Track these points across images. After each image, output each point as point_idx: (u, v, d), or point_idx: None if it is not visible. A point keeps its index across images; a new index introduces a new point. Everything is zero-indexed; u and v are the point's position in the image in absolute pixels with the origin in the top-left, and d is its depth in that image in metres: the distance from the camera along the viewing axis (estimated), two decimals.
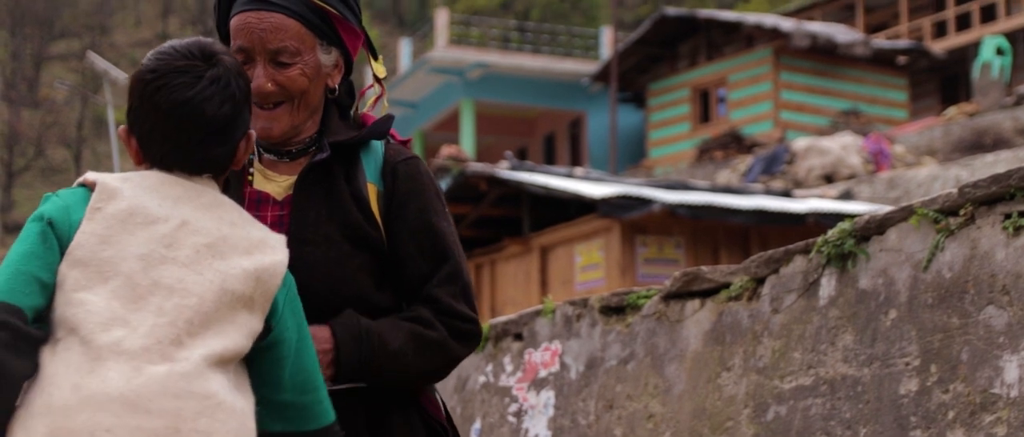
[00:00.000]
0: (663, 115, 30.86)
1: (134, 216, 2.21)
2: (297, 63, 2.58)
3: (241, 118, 2.34)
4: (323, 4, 2.61)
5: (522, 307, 15.39)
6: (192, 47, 2.33)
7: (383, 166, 2.62)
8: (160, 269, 2.17)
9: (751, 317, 4.13)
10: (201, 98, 2.27)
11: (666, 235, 15.38)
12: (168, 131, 2.28)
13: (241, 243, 2.25)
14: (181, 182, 2.29)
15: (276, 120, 2.60)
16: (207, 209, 2.27)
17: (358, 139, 2.62)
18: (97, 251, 2.17)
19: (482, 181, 16.18)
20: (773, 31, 28.23)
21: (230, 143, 2.32)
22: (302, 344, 2.30)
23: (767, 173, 23.27)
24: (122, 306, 2.14)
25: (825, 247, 3.87)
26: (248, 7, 2.60)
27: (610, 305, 4.73)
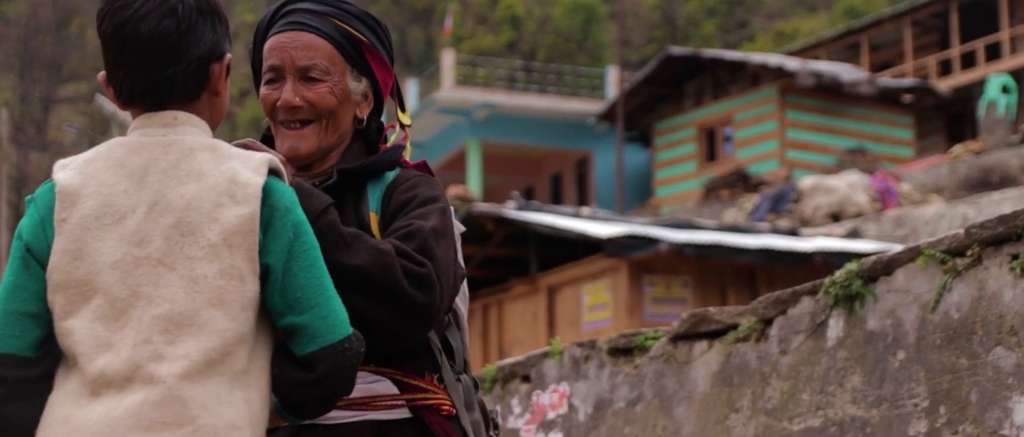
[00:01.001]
0: (669, 154, 30.88)
1: (101, 218, 2.14)
2: (326, 82, 2.60)
3: (195, 35, 2.23)
4: (355, 32, 2.64)
5: (529, 347, 15.37)
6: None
7: (384, 191, 2.62)
8: (136, 274, 2.11)
9: (759, 358, 4.12)
10: (137, 17, 2.20)
11: (673, 274, 15.37)
12: (119, 60, 2.23)
13: (208, 199, 2.14)
14: (146, 142, 2.20)
15: (304, 139, 2.61)
16: (174, 167, 2.17)
17: (364, 167, 2.62)
18: (71, 271, 2.12)
19: (489, 221, 16.19)
20: (778, 70, 28.28)
21: (185, 62, 2.22)
22: (291, 263, 2.16)
23: (774, 212, 23.26)
24: (105, 327, 2.10)
25: (833, 288, 3.87)
26: (281, 28, 2.64)
27: (618, 346, 4.73)
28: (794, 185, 23.72)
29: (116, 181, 2.17)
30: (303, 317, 2.14)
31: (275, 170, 2.22)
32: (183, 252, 2.12)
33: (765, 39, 55.68)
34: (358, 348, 2.17)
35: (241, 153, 2.22)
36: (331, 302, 2.17)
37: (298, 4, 2.68)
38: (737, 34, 60.73)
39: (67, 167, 2.21)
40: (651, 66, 30.58)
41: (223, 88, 2.30)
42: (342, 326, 2.16)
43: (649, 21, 61.96)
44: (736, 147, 29.36)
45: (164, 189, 2.15)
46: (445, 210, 2.57)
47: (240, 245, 2.12)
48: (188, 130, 2.22)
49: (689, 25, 59.78)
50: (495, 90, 35.46)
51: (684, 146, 30.51)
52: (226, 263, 2.12)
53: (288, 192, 2.20)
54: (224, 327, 2.10)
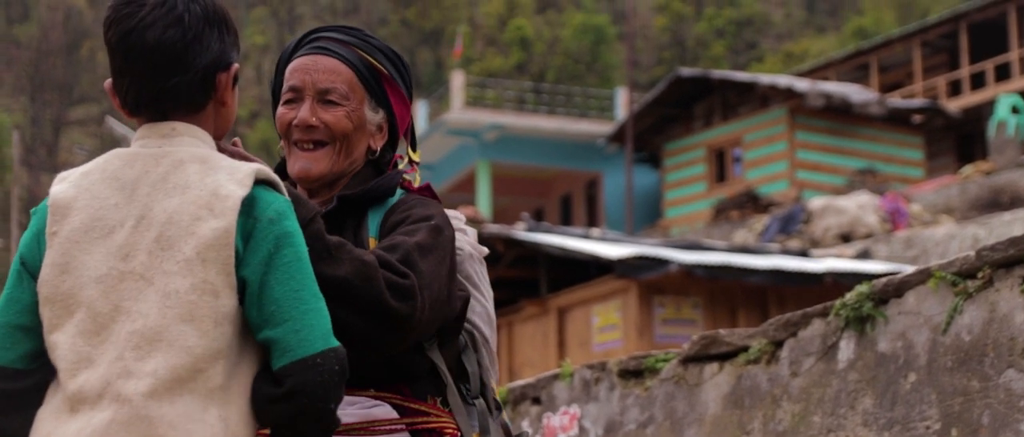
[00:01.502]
0: (679, 175, 30.87)
1: (90, 231, 2.13)
2: (344, 106, 2.63)
3: (201, 44, 2.19)
4: (377, 63, 2.67)
5: (540, 368, 15.35)
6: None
7: (383, 217, 2.62)
8: (119, 289, 2.09)
9: (770, 380, 4.12)
10: (143, 25, 2.16)
11: (684, 295, 15.35)
12: (123, 68, 2.19)
13: (187, 213, 2.11)
14: (141, 154, 2.18)
15: (316, 161, 2.63)
16: (162, 180, 2.14)
17: (363, 193, 2.63)
18: (58, 284, 2.11)
19: (499, 242, 16.19)
20: (788, 91, 28.29)
21: (190, 71, 2.18)
22: (269, 275, 2.10)
23: (784, 233, 23.23)
24: (86, 342, 2.08)
25: (843, 310, 3.87)
26: (306, 52, 2.67)
27: (628, 368, 4.73)
28: (804, 206, 23.69)
29: (108, 194, 2.15)
30: (276, 331, 2.08)
31: (266, 181, 2.18)
32: (161, 267, 2.09)
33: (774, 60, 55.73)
34: (333, 365, 2.08)
35: (232, 165, 2.18)
36: (307, 316, 2.09)
37: (324, 32, 2.72)
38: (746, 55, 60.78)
39: (65, 180, 2.19)
40: (660, 87, 30.60)
41: (230, 97, 2.27)
42: (316, 341, 2.08)
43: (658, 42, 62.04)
44: (746, 168, 29.35)
45: (151, 202, 2.13)
46: (437, 227, 2.55)
47: (214, 259, 2.08)
48: (185, 141, 2.19)
49: (698, 46, 59.85)
50: (504, 111, 35.50)
51: (694, 167, 30.51)
52: (198, 277, 2.08)
53: (276, 203, 2.15)
54: (194, 343, 2.06)
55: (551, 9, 63.82)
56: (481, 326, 2.77)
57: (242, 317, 2.12)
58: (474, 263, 2.81)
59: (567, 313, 16.18)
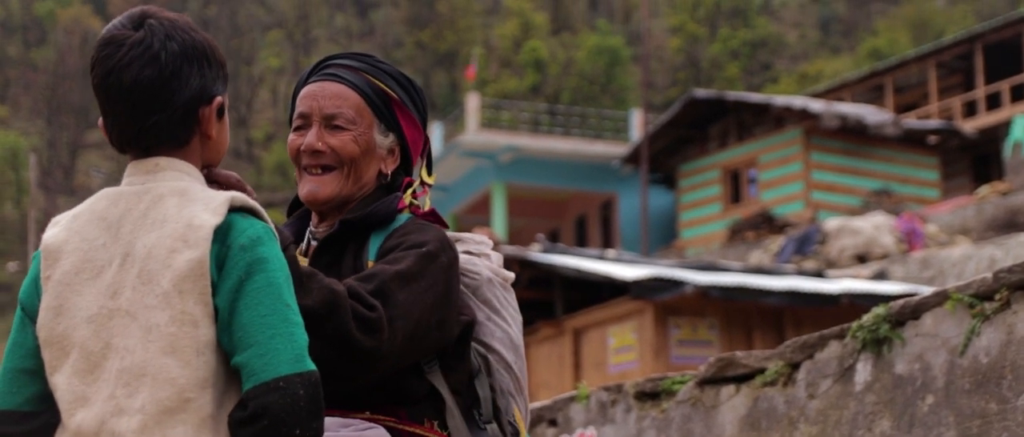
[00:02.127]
0: (694, 196, 30.86)
1: (81, 273, 2.16)
2: (351, 131, 2.65)
3: (179, 81, 2.21)
4: (386, 88, 2.68)
5: (555, 390, 15.33)
6: (126, 15, 2.26)
7: (383, 240, 2.63)
8: (109, 327, 2.12)
9: (787, 403, 4.12)
10: (120, 66, 2.20)
11: (699, 317, 15.34)
12: (107, 108, 2.23)
13: (164, 246, 2.13)
14: (125, 192, 2.21)
15: (323, 184, 2.65)
16: (143, 216, 2.17)
17: (363, 217, 2.64)
18: (54, 327, 2.15)
19: (514, 264, 16.19)
20: (803, 112, 28.27)
21: (169, 109, 2.20)
22: (238, 302, 2.11)
23: (799, 253, 23.20)
24: (80, 381, 2.12)
25: (860, 332, 3.87)
26: (314, 79, 2.70)
27: (645, 390, 4.72)
28: (819, 227, 23.66)
29: (96, 235, 2.18)
30: (243, 356, 2.09)
31: (243, 208, 2.19)
32: (144, 302, 2.12)
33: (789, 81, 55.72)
34: (297, 389, 2.06)
35: (208, 195, 2.19)
36: (273, 340, 2.09)
37: (335, 59, 2.74)
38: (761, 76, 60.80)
39: (57, 224, 2.23)
40: (675, 108, 30.61)
41: (215, 130, 2.27)
42: (281, 365, 2.07)
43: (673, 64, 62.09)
44: (761, 189, 29.33)
45: (134, 239, 2.15)
46: (429, 254, 2.54)
47: (191, 290, 2.11)
48: (169, 176, 2.22)
49: (713, 67, 59.88)
50: (519, 133, 35.55)
51: (709, 188, 30.50)
52: (177, 309, 2.10)
53: (250, 229, 2.16)
54: (177, 374, 2.08)
55: (566, 31, 63.94)
56: (501, 350, 2.76)
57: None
58: (494, 288, 2.79)
59: (583, 334, 16.17)
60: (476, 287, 2.77)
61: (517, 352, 2.80)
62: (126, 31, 2.22)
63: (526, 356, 17.12)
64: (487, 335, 2.76)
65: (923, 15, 58.15)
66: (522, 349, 2.83)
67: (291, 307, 2.13)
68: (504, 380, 2.76)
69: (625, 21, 66.88)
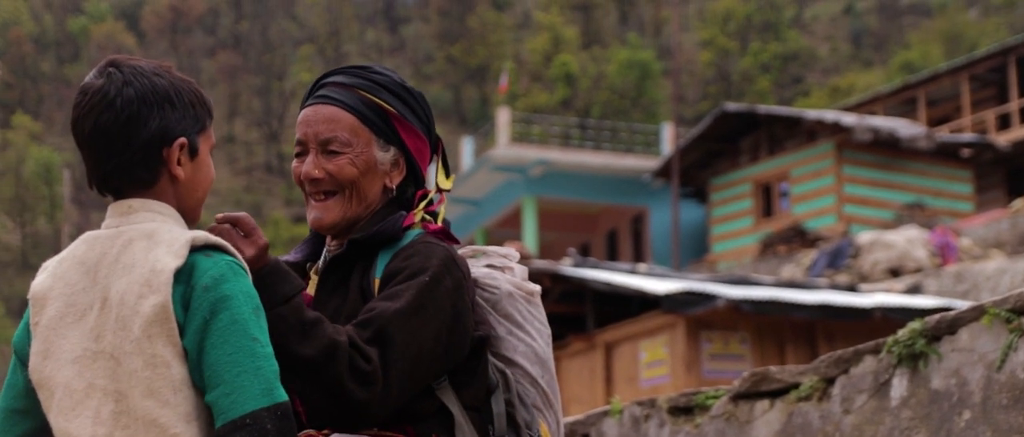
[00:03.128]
0: (725, 210, 30.78)
1: (65, 317, 2.26)
2: (347, 154, 2.64)
3: (136, 124, 2.28)
4: (381, 102, 2.67)
5: (587, 404, 15.30)
6: (97, 68, 2.37)
7: (391, 259, 2.61)
8: (93, 368, 2.22)
9: (822, 418, 4.09)
10: (82, 114, 2.31)
11: (731, 331, 15.28)
12: (81, 154, 2.36)
13: (132, 293, 2.21)
14: (101, 236, 2.30)
15: (327, 210, 2.66)
16: (115, 261, 2.26)
17: (369, 237, 2.64)
18: (42, 370, 2.27)
19: (545, 278, 16.18)
20: (835, 126, 28.17)
21: (128, 151, 2.28)
22: (205, 341, 2.20)
23: (832, 267, 23.09)
24: (64, 418, 2.23)
25: (896, 347, 3.84)
26: (309, 103, 2.69)
27: (678, 405, 4.71)
28: (852, 240, 23.55)
29: (77, 279, 2.28)
30: (213, 394, 2.17)
31: (206, 246, 2.26)
32: (123, 347, 2.21)
33: (820, 94, 55.55)
34: (264, 424, 2.13)
35: (172, 237, 2.26)
36: (240, 378, 2.16)
37: (330, 77, 2.73)
38: (792, 89, 60.64)
39: (45, 270, 2.34)
40: (706, 122, 30.55)
41: (183, 171, 2.33)
42: (247, 401, 2.15)
43: (704, 77, 62.01)
44: (793, 202, 29.23)
45: (109, 284, 2.25)
46: (432, 281, 2.53)
47: (158, 334, 2.19)
48: (141, 217, 2.30)
49: (744, 81, 59.77)
50: (550, 147, 35.55)
51: (740, 202, 30.41)
52: (148, 353, 2.19)
53: (213, 268, 2.22)
54: (158, 414, 2.18)
55: (596, 45, 63.97)
56: (524, 364, 2.75)
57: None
58: (515, 301, 2.77)
59: (614, 349, 16.14)
60: (496, 301, 2.76)
61: (544, 366, 2.78)
62: (92, 80, 2.33)
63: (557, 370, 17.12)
64: (508, 349, 2.74)
65: (956, 28, 57.89)
66: (550, 363, 2.80)
67: (258, 340, 2.20)
68: (529, 394, 2.74)
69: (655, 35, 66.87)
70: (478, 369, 2.65)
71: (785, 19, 64.24)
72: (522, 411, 2.71)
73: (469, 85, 66.99)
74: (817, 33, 68.90)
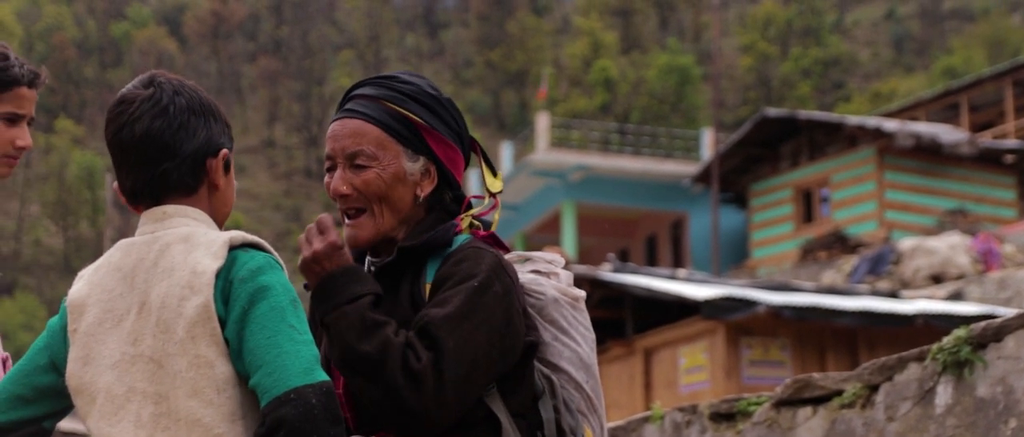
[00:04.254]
0: (765, 215, 30.66)
1: (103, 323, 2.31)
2: (373, 167, 2.64)
3: (186, 132, 2.37)
4: (408, 113, 2.67)
5: (626, 410, 15.28)
6: (138, 79, 2.43)
7: (440, 265, 2.62)
8: (132, 372, 2.26)
9: (865, 425, 4.06)
10: (132, 119, 2.36)
11: (771, 337, 15.21)
12: (120, 160, 2.40)
13: (174, 295, 2.26)
14: (137, 243, 2.35)
15: (360, 228, 2.66)
16: (153, 266, 2.31)
17: (419, 245, 2.63)
18: (82, 376, 2.31)
19: (584, 283, 16.15)
20: (876, 131, 28.01)
21: (178, 157, 2.36)
22: (244, 329, 2.24)
23: (873, 273, 22.96)
24: (107, 424, 2.27)
25: (940, 354, 3.81)
26: (336, 117, 2.71)
27: (720, 411, 4.69)
28: (893, 247, 23.41)
29: (114, 285, 2.33)
30: (256, 377, 2.20)
31: (243, 244, 2.31)
32: (165, 349, 2.25)
33: (861, 100, 55.29)
34: (309, 398, 2.15)
35: (210, 239, 2.31)
36: (281, 358, 2.18)
37: (357, 90, 2.74)
38: (833, 95, 60.38)
39: (81, 278, 2.40)
40: (746, 127, 30.44)
41: (222, 182, 2.43)
42: (290, 378, 2.17)
43: (744, 83, 61.83)
44: (833, 208, 29.08)
45: (148, 289, 2.30)
46: (481, 286, 2.53)
47: (201, 334, 2.24)
48: (176, 222, 2.36)
49: (784, 86, 59.56)
50: (590, 152, 35.52)
51: (780, 207, 30.28)
52: (192, 354, 2.23)
53: (251, 261, 2.28)
54: (202, 414, 2.22)
55: (636, 50, 63.89)
56: (570, 370, 2.74)
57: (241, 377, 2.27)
58: (561, 307, 2.77)
59: (653, 354, 16.10)
60: (541, 307, 2.75)
61: (589, 371, 2.78)
62: (138, 90, 2.39)
63: None
64: (554, 355, 2.74)
65: (999, 33, 57.48)
66: (595, 368, 2.80)
67: (296, 328, 2.24)
68: (574, 399, 2.74)
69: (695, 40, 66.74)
70: (525, 375, 2.65)
71: (826, 24, 63.97)
72: (567, 417, 2.70)
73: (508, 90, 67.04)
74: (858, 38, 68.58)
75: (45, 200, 59.11)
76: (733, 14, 66.43)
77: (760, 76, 60.88)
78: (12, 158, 3.13)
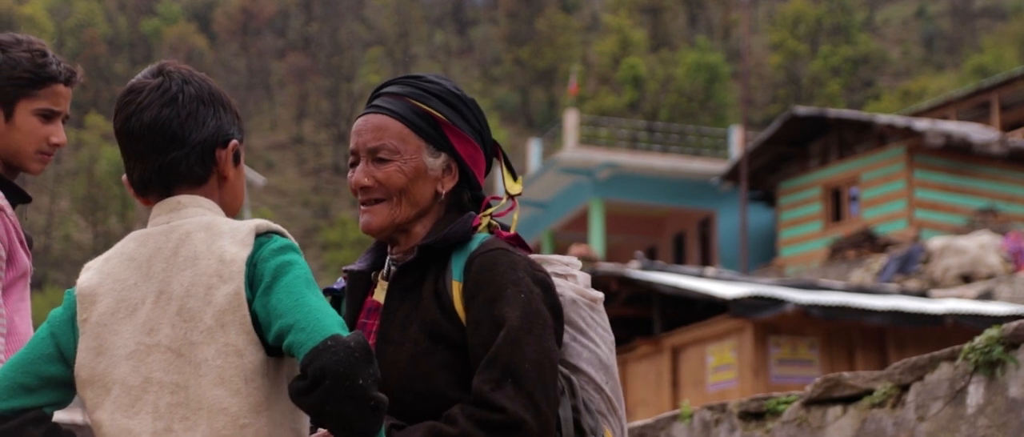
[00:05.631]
0: (794, 214, 30.56)
1: (116, 313, 2.29)
2: (395, 161, 2.66)
3: (195, 121, 2.36)
4: (430, 110, 2.69)
5: (653, 408, 15.27)
6: (148, 69, 2.42)
7: (466, 261, 2.63)
8: (148, 362, 2.24)
9: (896, 425, 4.05)
10: (140, 108, 2.35)
11: (800, 336, 15.17)
12: (128, 150, 2.38)
13: (201, 284, 2.25)
14: (152, 232, 2.34)
15: (374, 214, 2.67)
16: (174, 254, 2.29)
17: (440, 241, 2.65)
18: (94, 367, 2.28)
19: (612, 281, 16.15)
20: (906, 130, 27.88)
21: (187, 146, 2.35)
22: (269, 298, 2.22)
23: (902, 273, 22.86)
24: (123, 415, 2.25)
25: (972, 354, 3.80)
26: (360, 114, 2.74)
27: (749, 410, 4.68)
28: (923, 246, 23.30)
29: (127, 276, 2.31)
30: (289, 338, 2.16)
31: (268, 231, 2.31)
32: (187, 338, 2.23)
33: (891, 98, 55.06)
34: (347, 343, 2.12)
35: (234, 227, 2.30)
36: (311, 314, 2.16)
37: (382, 89, 2.77)
38: (862, 93, 60.14)
39: (90, 268, 2.37)
40: (775, 126, 30.34)
41: (232, 173, 2.42)
42: (324, 329, 2.14)
43: (773, 81, 61.65)
44: (862, 207, 28.96)
45: (168, 278, 2.28)
46: (527, 299, 2.55)
47: (231, 322, 2.22)
48: (191, 212, 2.34)
49: (813, 84, 59.35)
50: (618, 150, 35.47)
51: (809, 206, 30.18)
52: (221, 342, 2.22)
53: (274, 243, 2.27)
54: (228, 403, 2.20)
55: (665, 48, 63.78)
56: (589, 371, 2.75)
57: (274, 366, 2.26)
58: (579, 308, 2.78)
59: (681, 352, 16.07)
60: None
61: (608, 372, 2.79)
62: (146, 79, 2.39)
63: (624, 374, 17.12)
64: (573, 356, 2.75)
65: None
66: (614, 369, 2.82)
67: (319, 298, 2.22)
68: (594, 400, 2.75)
69: (724, 38, 66.58)
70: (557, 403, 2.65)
71: (856, 22, 63.70)
72: (587, 417, 2.71)
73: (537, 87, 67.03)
74: (888, 36, 68.28)
75: (75, 195, 59.46)
76: (762, 11, 66.23)
77: (789, 74, 60.68)
78: (46, 154, 3.16)
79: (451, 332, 2.57)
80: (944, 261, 22.34)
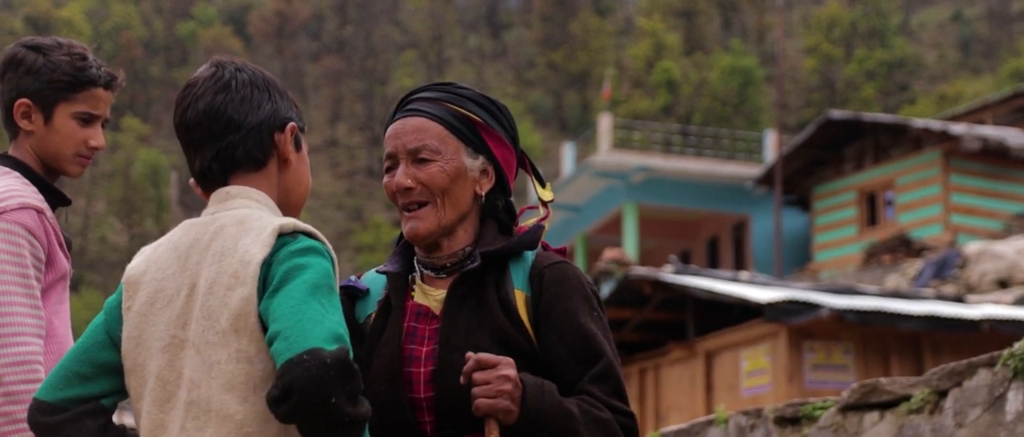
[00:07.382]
0: (829, 218, 30.43)
1: (154, 303, 2.29)
2: (437, 161, 2.65)
3: (250, 105, 2.38)
4: (468, 113, 2.70)
5: (687, 413, 15.22)
6: (205, 65, 2.46)
7: (531, 272, 2.65)
8: (181, 357, 2.24)
9: (933, 431, 4.02)
10: (196, 98, 2.39)
11: (834, 341, 15.09)
12: (188, 141, 2.40)
13: (222, 283, 2.23)
14: (198, 222, 2.34)
15: (421, 219, 2.65)
16: (207, 247, 2.28)
17: (507, 249, 2.66)
18: (135, 356, 2.29)
19: (646, 285, 16.11)
20: (942, 134, 27.71)
21: (242, 130, 2.36)
22: (272, 301, 2.18)
23: (938, 278, 22.72)
24: (158, 409, 2.25)
25: (1011, 360, 3.77)
26: (395, 117, 2.73)
27: (785, 416, 4.66)
28: (959, 251, 23.15)
29: (168, 264, 2.31)
30: (273, 345, 2.13)
31: (293, 231, 2.27)
32: (206, 337, 2.23)
33: (927, 102, 54.77)
34: (322, 359, 2.06)
35: (262, 225, 2.28)
36: (301, 323, 2.11)
37: (415, 95, 2.76)
38: (897, 97, 59.86)
39: (141, 254, 2.38)
40: (810, 129, 30.22)
41: (293, 158, 2.41)
42: (303, 341, 2.09)
43: (807, 84, 61.43)
44: (898, 211, 28.81)
45: (198, 270, 2.27)
46: (598, 314, 2.66)
47: (244, 328, 2.21)
48: (238, 203, 2.33)
49: (848, 88, 59.11)
50: (652, 154, 35.42)
51: (844, 210, 30.05)
52: (233, 348, 2.20)
53: (294, 245, 2.24)
54: (235, 410, 2.18)
55: (699, 51, 63.65)
56: None
57: None
58: None
59: (715, 357, 16.02)
60: None
61: None
62: (202, 73, 2.44)
63: (657, 378, 17.03)
64: None
65: None
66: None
67: (325, 306, 2.16)
68: None
69: (759, 41, 66.39)
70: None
71: (891, 26, 63.40)
72: None
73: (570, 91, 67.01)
74: (924, 40, 67.93)
75: (111, 197, 59.84)
76: (797, 15, 66.01)
77: (824, 78, 60.45)
78: (85, 157, 3.17)
79: (520, 341, 2.58)
80: (980, 266, 22.19)
